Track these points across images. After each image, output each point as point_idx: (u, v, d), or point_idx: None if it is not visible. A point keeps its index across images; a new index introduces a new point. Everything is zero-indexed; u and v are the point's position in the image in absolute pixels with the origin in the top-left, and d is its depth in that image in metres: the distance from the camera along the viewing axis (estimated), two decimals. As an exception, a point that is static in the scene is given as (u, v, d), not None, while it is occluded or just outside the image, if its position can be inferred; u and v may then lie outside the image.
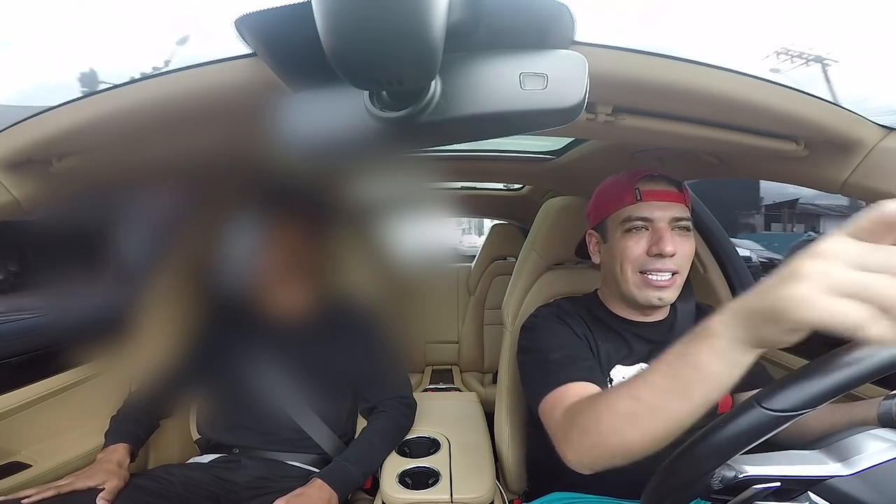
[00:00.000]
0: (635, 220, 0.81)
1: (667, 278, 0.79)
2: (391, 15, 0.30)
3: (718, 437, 0.43)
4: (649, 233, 0.81)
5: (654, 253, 0.79)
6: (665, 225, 0.80)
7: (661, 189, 0.82)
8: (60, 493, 0.81)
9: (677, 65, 0.55)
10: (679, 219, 0.81)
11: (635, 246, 0.81)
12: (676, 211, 0.81)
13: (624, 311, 0.89)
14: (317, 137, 0.45)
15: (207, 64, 0.53)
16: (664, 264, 0.79)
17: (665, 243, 0.78)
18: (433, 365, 2.38)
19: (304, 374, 1.08)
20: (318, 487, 0.89)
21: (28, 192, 0.72)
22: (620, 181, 0.87)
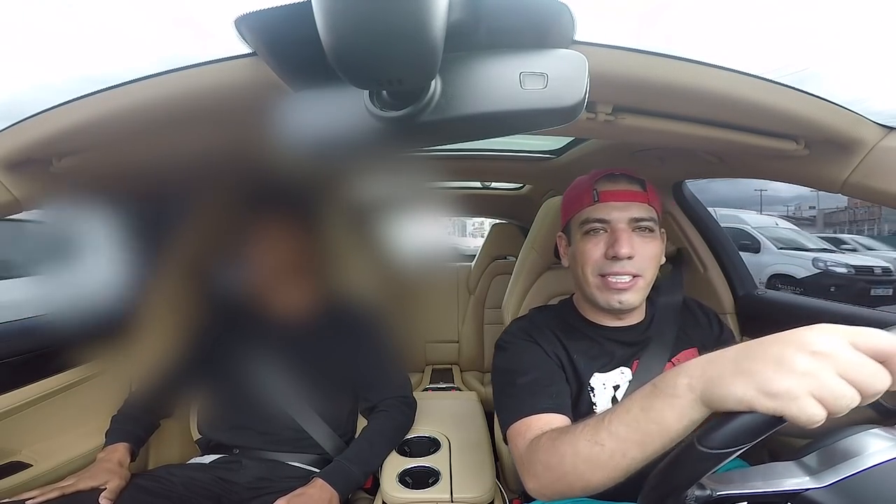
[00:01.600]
0: (593, 222, 0.79)
1: (626, 280, 0.77)
2: (391, 14, 0.30)
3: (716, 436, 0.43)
4: (607, 234, 0.78)
5: (611, 255, 0.76)
6: (623, 226, 0.77)
7: (620, 189, 0.79)
8: (65, 494, 0.81)
9: (677, 64, 0.55)
10: (639, 219, 0.78)
11: (594, 248, 0.79)
12: (636, 211, 0.78)
13: (597, 316, 0.86)
14: (317, 137, 0.45)
15: (207, 63, 0.53)
16: (622, 267, 0.76)
17: (620, 245, 0.75)
18: (433, 364, 2.38)
19: (304, 374, 1.08)
20: (319, 487, 0.89)
21: (28, 192, 0.72)
22: (581, 182, 0.85)
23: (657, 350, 0.82)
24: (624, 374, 0.82)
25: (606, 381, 0.81)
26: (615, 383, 0.81)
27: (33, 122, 0.64)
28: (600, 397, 0.80)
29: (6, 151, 0.66)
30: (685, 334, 0.86)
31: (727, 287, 1.34)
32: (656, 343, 0.83)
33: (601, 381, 0.81)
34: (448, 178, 2.02)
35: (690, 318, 0.90)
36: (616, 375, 0.82)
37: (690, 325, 0.88)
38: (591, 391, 0.80)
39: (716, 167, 0.97)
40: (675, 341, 0.84)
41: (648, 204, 0.79)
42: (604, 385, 0.81)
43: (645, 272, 0.78)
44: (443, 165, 1.55)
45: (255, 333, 1.10)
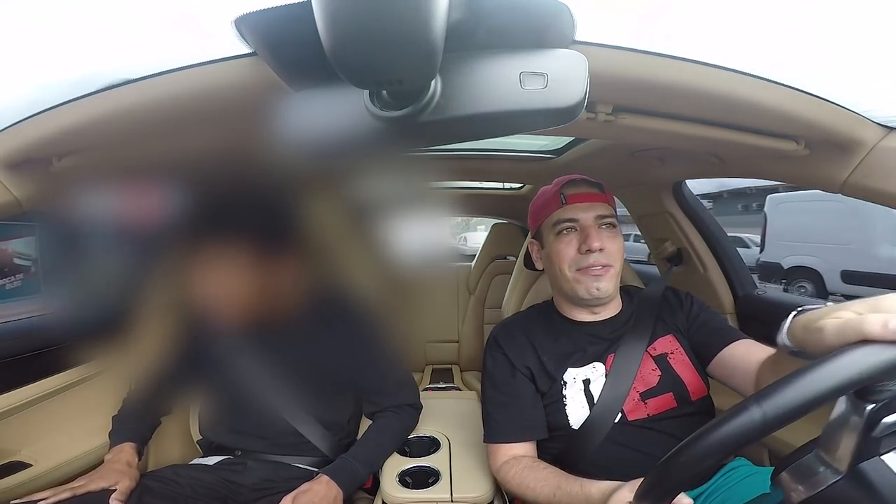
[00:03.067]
0: (564, 222, 0.89)
1: (599, 269, 0.86)
2: (391, 15, 0.30)
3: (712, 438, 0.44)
4: (577, 233, 0.88)
5: (585, 250, 0.86)
6: (591, 223, 0.87)
7: (583, 192, 0.89)
8: (76, 494, 0.82)
9: (677, 64, 0.55)
10: (603, 216, 0.88)
11: (567, 247, 0.88)
12: (599, 210, 0.88)
13: (575, 312, 0.94)
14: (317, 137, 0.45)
15: (207, 63, 0.53)
16: (596, 259, 0.86)
17: (592, 240, 0.86)
18: (433, 364, 2.38)
19: (300, 377, 1.06)
20: (324, 484, 0.89)
21: (28, 192, 0.72)
22: (548, 189, 0.94)
23: (632, 343, 0.88)
24: (596, 369, 0.88)
25: (577, 376, 0.88)
26: (585, 377, 0.87)
27: (33, 122, 0.63)
28: (571, 390, 0.87)
29: (6, 151, 0.66)
30: (663, 322, 0.92)
31: (727, 287, 1.34)
32: (632, 336, 0.89)
33: (573, 375, 0.88)
34: (448, 177, 2.02)
35: (667, 306, 0.95)
36: (588, 370, 0.88)
37: (667, 313, 0.93)
38: (564, 385, 0.88)
39: (716, 167, 0.97)
40: (653, 331, 0.90)
41: (608, 203, 0.90)
42: (574, 379, 0.88)
43: (615, 263, 0.88)
44: (443, 165, 1.55)
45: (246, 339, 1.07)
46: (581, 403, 0.86)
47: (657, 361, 0.87)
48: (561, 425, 0.86)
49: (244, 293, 0.97)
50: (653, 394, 0.85)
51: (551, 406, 0.88)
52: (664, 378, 0.85)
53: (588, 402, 0.85)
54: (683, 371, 0.86)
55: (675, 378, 0.85)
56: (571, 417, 0.85)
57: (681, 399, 0.84)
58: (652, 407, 0.84)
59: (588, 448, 0.84)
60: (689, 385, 0.85)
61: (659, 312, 0.92)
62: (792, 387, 0.40)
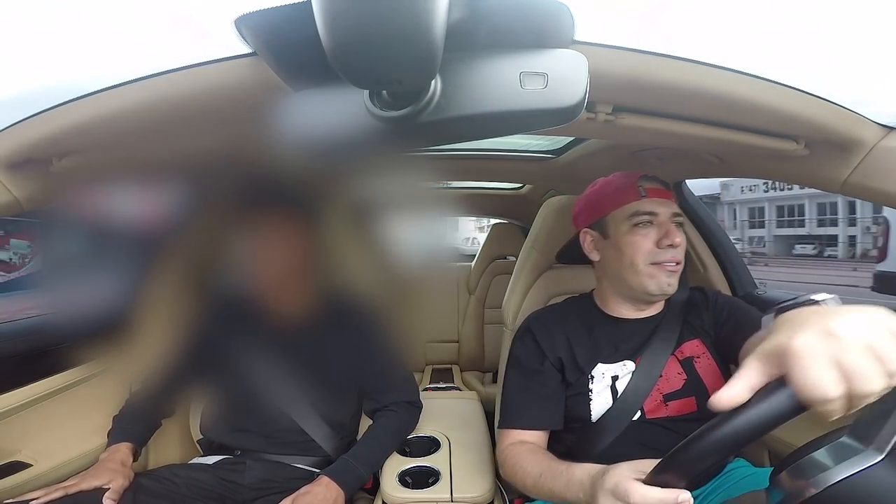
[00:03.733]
0: (643, 215, 0.86)
1: (674, 266, 0.86)
2: (391, 15, 0.30)
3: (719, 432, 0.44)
4: (654, 227, 0.86)
5: (666, 244, 0.84)
6: (668, 219, 0.86)
7: (660, 188, 0.89)
8: (68, 494, 0.82)
9: (677, 64, 0.55)
10: (677, 214, 0.88)
11: (644, 240, 0.86)
12: (674, 207, 0.88)
13: (619, 308, 0.93)
14: (317, 137, 0.45)
15: (207, 63, 0.53)
16: (673, 255, 0.85)
17: (674, 235, 0.85)
18: (433, 364, 2.38)
19: (305, 376, 1.07)
20: (324, 485, 0.89)
21: (28, 192, 0.72)
22: (619, 180, 0.91)
23: (661, 346, 0.88)
24: (626, 367, 0.87)
25: (606, 372, 0.87)
26: (614, 374, 0.87)
27: (33, 122, 0.63)
28: (598, 384, 0.87)
29: (6, 151, 0.66)
30: (690, 326, 0.91)
31: (727, 287, 1.34)
32: (661, 339, 0.89)
33: (602, 370, 0.88)
34: (448, 177, 2.02)
35: (694, 307, 0.94)
36: (618, 367, 0.88)
37: (694, 315, 0.93)
38: (591, 379, 0.87)
39: (716, 167, 0.97)
40: (681, 335, 0.89)
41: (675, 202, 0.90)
42: (603, 374, 0.87)
43: (682, 260, 0.87)
44: (443, 165, 1.55)
45: (255, 335, 1.09)
46: (606, 399, 0.86)
47: (683, 365, 0.87)
48: (581, 418, 0.86)
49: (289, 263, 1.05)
50: (675, 396, 0.85)
51: (575, 398, 0.87)
52: (689, 382, 0.85)
53: (613, 397, 0.86)
54: (708, 377, 0.86)
55: (699, 383, 0.85)
56: (594, 411, 0.85)
57: (702, 404, 0.83)
58: (673, 409, 0.84)
59: (603, 441, 0.84)
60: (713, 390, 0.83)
61: (686, 315, 0.92)
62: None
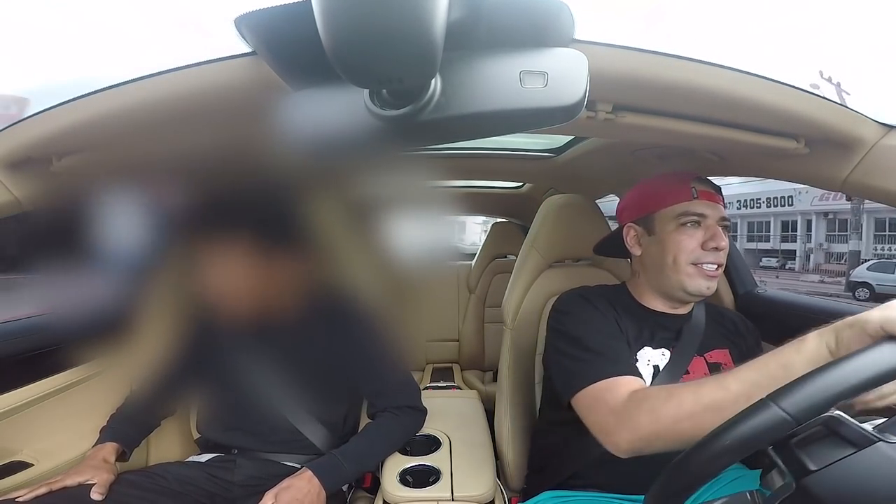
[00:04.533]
0: (692, 216, 0.87)
1: (715, 269, 0.86)
2: (391, 13, 0.30)
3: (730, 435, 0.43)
4: (702, 228, 0.87)
5: (711, 247, 0.85)
6: (715, 222, 0.87)
7: (712, 191, 0.89)
8: (52, 490, 0.82)
9: (678, 62, 0.55)
10: (725, 218, 0.88)
11: (690, 239, 0.86)
12: (723, 211, 0.88)
13: (654, 302, 0.93)
14: (317, 136, 0.45)
15: (207, 63, 0.53)
16: (716, 257, 0.86)
17: (720, 238, 0.85)
18: (434, 363, 2.38)
19: (295, 375, 1.06)
20: (306, 479, 0.88)
21: (28, 191, 0.72)
22: (672, 179, 0.91)
23: (689, 342, 0.89)
24: (665, 357, 0.87)
25: (651, 358, 0.87)
26: (656, 363, 0.87)
27: (33, 122, 0.64)
28: (644, 369, 0.85)
29: (6, 151, 0.66)
30: (717, 333, 0.92)
31: (727, 285, 1.34)
32: (689, 335, 0.89)
33: (647, 356, 0.87)
34: (448, 176, 2.02)
35: (722, 320, 0.96)
36: (658, 355, 0.87)
37: (719, 325, 0.94)
38: (636, 361, 0.85)
39: (716, 166, 0.97)
40: (707, 339, 0.90)
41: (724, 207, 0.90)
42: (648, 361, 0.86)
43: (724, 264, 0.88)
44: (443, 164, 1.55)
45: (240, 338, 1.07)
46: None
47: (711, 368, 0.87)
48: None
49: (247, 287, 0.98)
50: None
51: None
52: None
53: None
54: None
55: None
56: None
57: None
58: None
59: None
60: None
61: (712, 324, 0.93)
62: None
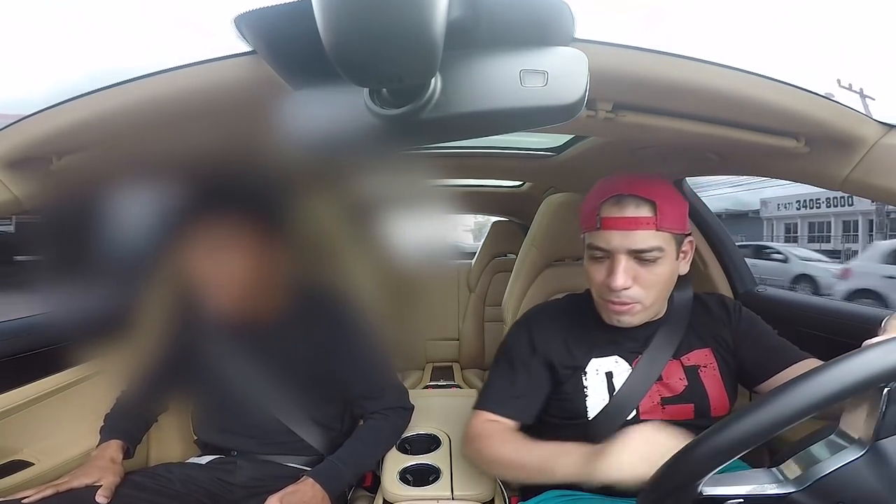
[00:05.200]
0: (594, 249, 0.80)
1: (623, 307, 0.79)
2: (391, 12, 0.30)
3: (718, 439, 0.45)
4: (606, 263, 0.79)
5: (606, 286, 0.78)
6: (623, 255, 0.76)
7: (626, 216, 0.76)
8: (59, 492, 0.82)
9: (678, 62, 0.55)
10: (640, 251, 0.76)
11: (597, 273, 0.80)
12: (640, 241, 0.75)
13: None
14: (317, 135, 0.45)
15: (207, 62, 0.53)
16: (618, 297, 0.78)
17: (615, 278, 0.76)
18: (434, 362, 2.37)
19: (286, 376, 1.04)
20: (310, 485, 0.89)
21: (28, 191, 0.72)
22: (591, 198, 0.83)
23: (661, 349, 0.85)
24: (619, 364, 0.85)
25: (600, 368, 0.85)
26: (608, 370, 0.85)
27: (33, 121, 0.63)
28: (593, 380, 0.85)
29: (6, 150, 0.66)
30: (697, 333, 0.88)
31: (727, 284, 1.34)
32: (660, 342, 0.85)
33: (596, 366, 0.85)
34: (448, 175, 2.02)
35: (704, 314, 0.91)
36: (610, 363, 0.86)
37: (703, 323, 0.89)
38: (585, 375, 0.85)
39: (716, 165, 0.97)
40: (685, 340, 0.86)
41: (657, 229, 0.75)
42: (597, 370, 0.85)
43: (644, 299, 0.79)
44: (443, 163, 1.55)
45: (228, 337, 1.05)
46: (602, 396, 0.84)
47: (687, 371, 0.84)
48: (578, 414, 0.84)
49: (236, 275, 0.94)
50: (674, 401, 0.83)
51: (572, 395, 0.85)
52: (689, 388, 0.83)
53: (609, 393, 0.84)
54: (712, 387, 0.84)
55: (700, 391, 0.83)
56: (590, 408, 0.84)
57: (700, 412, 0.83)
58: (669, 413, 0.82)
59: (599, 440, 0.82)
60: (713, 401, 0.83)
61: (694, 321, 0.89)
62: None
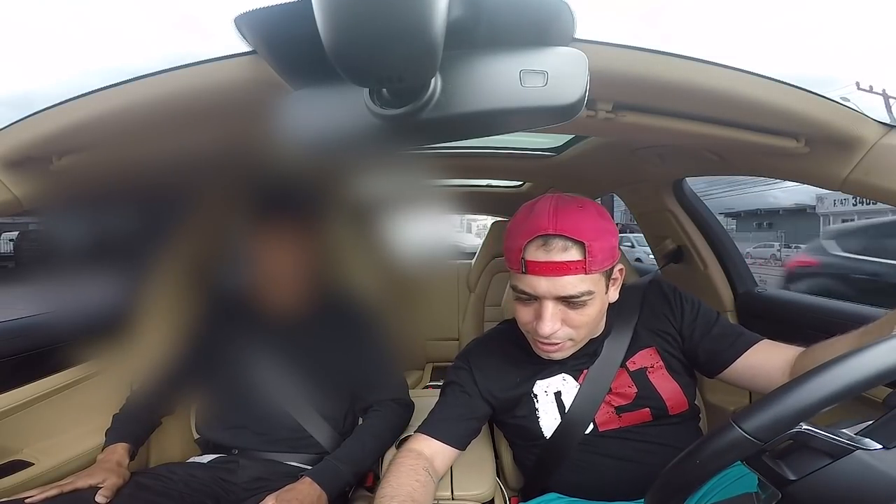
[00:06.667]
0: (519, 292, 0.76)
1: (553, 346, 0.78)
2: (391, 12, 0.30)
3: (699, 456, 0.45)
4: (533, 305, 0.76)
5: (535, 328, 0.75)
6: (550, 301, 0.73)
7: (552, 260, 0.71)
8: (63, 493, 0.82)
9: (677, 62, 0.55)
10: (569, 298, 0.72)
11: (524, 315, 0.78)
12: (568, 286, 0.71)
13: None
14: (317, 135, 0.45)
15: (207, 62, 0.53)
16: (547, 339, 0.75)
17: (542, 325, 0.73)
18: (434, 362, 2.37)
19: (302, 372, 1.08)
20: (308, 484, 0.90)
21: (28, 191, 0.72)
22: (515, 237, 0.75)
23: (607, 362, 0.84)
24: (566, 381, 0.85)
25: (548, 388, 0.85)
26: (556, 389, 0.85)
27: (33, 121, 0.63)
28: (543, 402, 0.85)
29: (6, 150, 0.66)
30: (644, 333, 0.86)
31: (727, 284, 1.34)
32: (606, 355, 0.84)
33: (543, 387, 0.85)
34: (448, 175, 2.02)
35: (650, 313, 0.88)
36: (557, 381, 0.85)
37: (650, 321, 0.87)
38: (535, 398, 0.85)
39: (716, 165, 0.97)
40: (633, 342, 0.85)
41: (586, 272, 0.71)
42: (546, 391, 0.85)
43: (575, 336, 0.77)
44: (443, 163, 1.55)
45: (253, 332, 1.10)
46: (553, 415, 0.84)
47: (634, 376, 0.83)
48: (536, 436, 0.85)
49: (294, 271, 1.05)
50: (628, 409, 0.82)
51: (526, 418, 0.85)
52: (641, 394, 0.82)
53: (560, 412, 0.84)
54: (663, 386, 0.82)
55: (652, 393, 0.82)
56: (545, 429, 0.84)
57: (658, 413, 0.82)
58: (626, 420, 0.83)
59: (561, 456, 0.84)
60: (669, 400, 0.82)
61: (638, 323, 0.87)
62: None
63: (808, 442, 0.43)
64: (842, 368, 0.42)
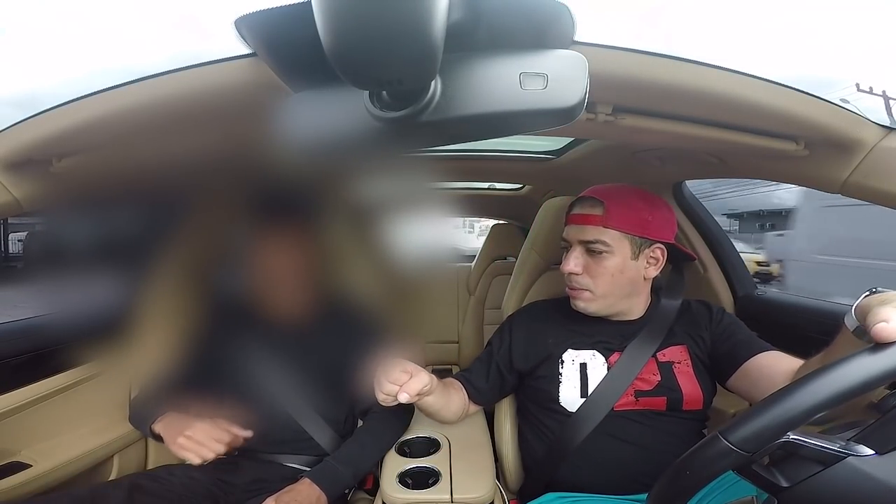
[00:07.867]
0: (563, 241, 0.94)
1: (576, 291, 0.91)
2: (391, 15, 0.30)
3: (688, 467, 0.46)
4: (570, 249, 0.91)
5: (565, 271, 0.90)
6: (576, 245, 0.90)
7: (581, 212, 0.90)
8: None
9: (677, 64, 0.55)
10: (588, 242, 0.88)
11: (565, 263, 0.92)
12: (589, 234, 0.88)
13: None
14: (317, 137, 0.45)
15: (207, 64, 0.53)
16: (570, 281, 0.91)
17: (566, 262, 0.90)
18: (433, 365, 2.37)
19: (302, 374, 1.08)
20: (307, 486, 0.90)
21: (28, 192, 0.72)
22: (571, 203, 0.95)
23: (641, 347, 0.89)
24: (594, 358, 0.91)
25: (576, 358, 0.92)
26: (583, 361, 0.91)
27: (34, 123, 0.63)
28: (568, 369, 0.92)
29: (6, 151, 0.66)
30: (678, 333, 0.92)
31: (727, 287, 1.34)
32: (643, 340, 0.90)
33: (572, 357, 0.92)
34: (448, 178, 2.02)
35: (691, 318, 0.94)
36: (586, 355, 0.92)
37: (688, 324, 0.93)
38: (561, 363, 0.93)
39: (716, 167, 0.97)
40: (668, 337, 0.90)
41: (604, 226, 0.86)
42: (573, 360, 0.92)
43: (593, 287, 0.89)
44: (442, 166, 1.55)
45: (254, 334, 1.10)
46: (574, 384, 0.90)
47: (661, 367, 0.88)
48: (552, 398, 0.91)
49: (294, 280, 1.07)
50: (646, 395, 0.87)
51: (547, 379, 0.93)
52: (662, 383, 0.87)
53: (581, 384, 0.89)
54: (685, 382, 0.87)
55: (673, 385, 0.87)
56: (563, 395, 0.90)
57: (672, 405, 0.87)
58: (642, 404, 0.87)
59: (579, 435, 0.87)
60: (686, 395, 0.87)
61: (675, 322, 0.93)
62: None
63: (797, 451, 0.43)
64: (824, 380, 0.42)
